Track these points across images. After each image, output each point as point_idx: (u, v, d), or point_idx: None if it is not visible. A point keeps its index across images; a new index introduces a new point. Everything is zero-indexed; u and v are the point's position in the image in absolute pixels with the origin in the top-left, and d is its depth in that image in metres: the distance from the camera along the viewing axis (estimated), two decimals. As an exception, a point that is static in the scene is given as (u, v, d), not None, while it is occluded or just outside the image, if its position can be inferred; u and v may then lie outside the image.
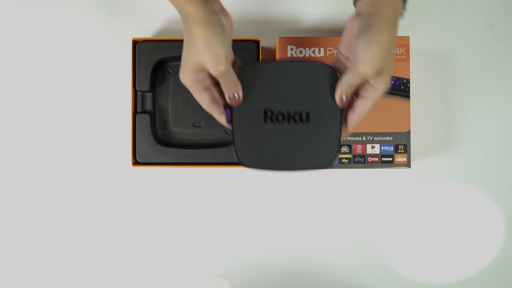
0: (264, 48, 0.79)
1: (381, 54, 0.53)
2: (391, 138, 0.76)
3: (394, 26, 0.54)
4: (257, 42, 0.77)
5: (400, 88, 0.76)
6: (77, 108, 0.80)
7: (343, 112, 0.60)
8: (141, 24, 0.80)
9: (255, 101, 0.61)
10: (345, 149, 0.76)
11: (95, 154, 0.80)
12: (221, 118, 0.61)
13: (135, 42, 0.77)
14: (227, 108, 0.61)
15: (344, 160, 0.76)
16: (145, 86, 0.76)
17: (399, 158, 0.76)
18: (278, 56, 0.76)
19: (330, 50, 0.76)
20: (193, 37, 0.54)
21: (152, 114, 0.77)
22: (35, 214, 0.80)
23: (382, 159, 0.76)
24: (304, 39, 0.76)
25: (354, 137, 0.76)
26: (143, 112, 0.77)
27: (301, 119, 0.61)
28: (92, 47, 0.80)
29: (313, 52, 0.76)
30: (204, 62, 0.54)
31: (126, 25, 0.80)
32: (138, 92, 0.77)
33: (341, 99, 0.58)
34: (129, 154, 0.78)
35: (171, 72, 0.78)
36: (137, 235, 0.81)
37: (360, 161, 0.76)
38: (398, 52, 0.76)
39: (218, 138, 0.77)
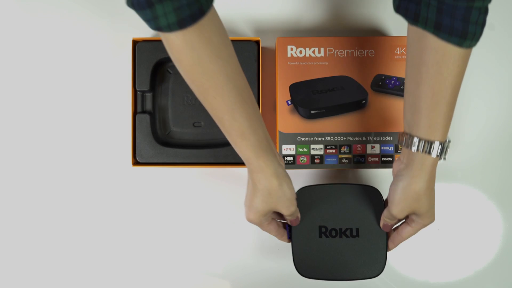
0: (264, 48, 0.79)
1: (409, 201, 0.62)
2: (391, 138, 0.76)
3: (425, 175, 0.60)
4: (257, 42, 0.77)
5: (400, 88, 0.76)
6: (77, 108, 0.80)
7: (389, 232, 0.70)
8: (141, 24, 0.80)
9: (310, 219, 0.71)
10: (345, 149, 0.76)
11: (96, 154, 0.80)
12: (284, 238, 0.70)
13: (135, 42, 0.77)
14: (287, 226, 0.71)
15: (344, 160, 0.76)
16: (145, 86, 0.76)
17: (399, 158, 0.76)
18: (277, 57, 0.76)
19: (330, 50, 0.76)
20: (265, 186, 0.61)
21: (152, 114, 0.77)
22: (36, 213, 0.80)
23: (382, 159, 0.76)
24: (304, 39, 0.76)
25: (354, 137, 0.76)
26: (143, 112, 0.77)
27: (351, 235, 0.70)
28: (92, 47, 0.80)
29: (313, 52, 0.76)
30: (278, 207, 0.63)
31: (126, 26, 0.80)
32: (138, 92, 0.77)
33: (384, 226, 0.69)
34: (129, 154, 0.78)
35: (171, 72, 0.78)
36: (137, 235, 0.81)
37: (360, 161, 0.76)
38: (398, 52, 0.76)
39: (218, 138, 0.77)
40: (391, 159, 0.76)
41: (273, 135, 0.79)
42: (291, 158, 0.76)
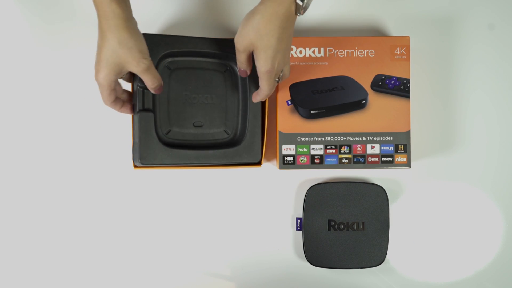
0: (264, 48, 0.79)
1: (248, 28, 0.60)
2: (391, 138, 0.76)
3: (274, 5, 0.58)
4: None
5: (400, 88, 0.76)
6: (77, 108, 0.80)
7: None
8: (140, 20, 0.80)
9: (321, 213, 0.78)
10: (345, 149, 0.76)
11: (96, 154, 0.80)
12: (123, 110, 0.68)
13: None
14: (297, 218, 0.79)
15: (344, 160, 0.76)
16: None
17: (399, 158, 0.76)
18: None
19: (330, 50, 0.76)
20: (115, 35, 0.58)
21: (153, 112, 0.75)
22: (38, 215, 0.80)
23: (382, 159, 0.76)
24: (304, 39, 0.76)
25: (354, 137, 0.76)
26: (144, 110, 0.76)
27: (358, 228, 0.78)
28: (93, 48, 0.80)
29: (313, 52, 0.76)
30: (129, 59, 0.59)
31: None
32: (138, 89, 0.74)
33: (240, 72, 0.69)
34: (129, 154, 0.78)
35: (170, 68, 0.77)
36: (138, 235, 0.81)
37: (360, 161, 0.76)
38: (398, 52, 0.76)
39: (219, 138, 0.77)
40: (391, 159, 0.76)
41: (273, 135, 0.79)
42: (291, 158, 0.76)
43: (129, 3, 0.60)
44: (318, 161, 0.76)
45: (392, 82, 0.76)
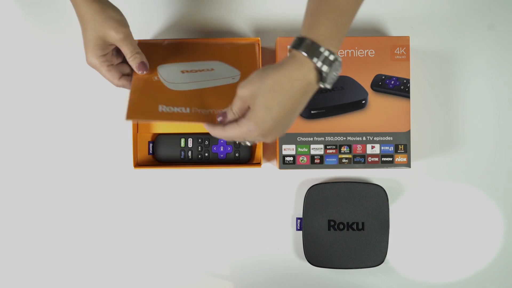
0: (264, 48, 0.79)
1: (254, 81, 0.55)
2: (391, 138, 0.76)
3: (287, 67, 0.54)
4: (257, 42, 0.77)
5: (400, 88, 0.76)
6: (77, 109, 0.80)
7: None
8: (141, 26, 0.80)
9: (321, 213, 0.77)
10: (345, 149, 0.76)
11: (96, 154, 0.80)
12: (116, 82, 0.65)
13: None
14: (297, 218, 0.78)
15: (344, 160, 0.76)
16: None
17: (399, 158, 0.76)
18: (278, 57, 0.76)
19: (330, 50, 0.76)
20: (89, 13, 0.59)
21: None
22: (38, 215, 0.80)
23: (382, 159, 0.76)
24: (304, 39, 0.76)
25: (354, 137, 0.76)
26: None
27: (357, 228, 0.77)
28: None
29: (313, 52, 0.76)
30: (107, 31, 0.60)
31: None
32: None
33: (221, 113, 0.61)
34: (129, 155, 0.78)
35: None
36: (138, 235, 0.81)
37: (360, 161, 0.76)
38: (398, 52, 0.76)
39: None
40: (391, 159, 0.76)
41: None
42: (291, 158, 0.76)
43: None
44: (318, 161, 0.76)
45: (392, 82, 0.76)
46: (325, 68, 0.54)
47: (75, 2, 0.60)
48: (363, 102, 0.76)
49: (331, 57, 0.54)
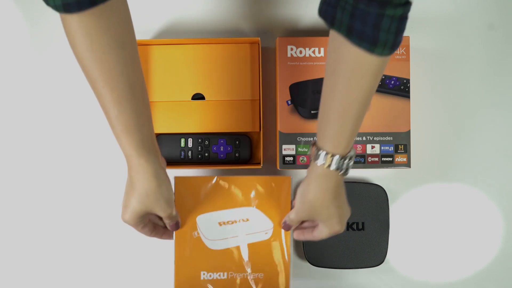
0: (264, 48, 0.79)
1: (305, 208, 0.63)
2: (391, 138, 0.76)
3: (319, 185, 0.61)
4: (257, 42, 0.77)
5: (400, 88, 0.76)
6: (77, 109, 0.80)
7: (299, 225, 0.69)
8: (140, 28, 0.80)
9: None
10: (345, 149, 0.76)
11: (96, 155, 0.80)
12: (164, 237, 0.68)
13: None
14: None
15: (344, 160, 0.76)
16: None
17: (399, 158, 0.76)
18: (278, 57, 0.76)
19: (330, 50, 0.76)
20: (143, 187, 0.59)
21: None
22: (38, 215, 0.80)
23: (382, 159, 0.76)
24: (304, 39, 0.76)
25: (354, 137, 0.76)
26: None
27: (358, 228, 0.77)
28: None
29: (313, 52, 0.76)
30: (156, 209, 0.61)
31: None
32: None
33: (284, 225, 0.69)
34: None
35: None
36: (139, 235, 0.81)
37: (360, 161, 0.76)
38: (398, 52, 0.76)
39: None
40: (391, 159, 0.76)
41: (273, 135, 0.79)
42: (291, 158, 0.76)
43: (159, 152, 0.61)
44: (318, 161, 0.76)
45: (392, 82, 0.76)
46: (343, 168, 0.61)
47: (133, 173, 0.59)
48: (363, 102, 0.76)
49: (346, 161, 0.61)
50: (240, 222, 0.71)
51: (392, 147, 0.76)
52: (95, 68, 0.54)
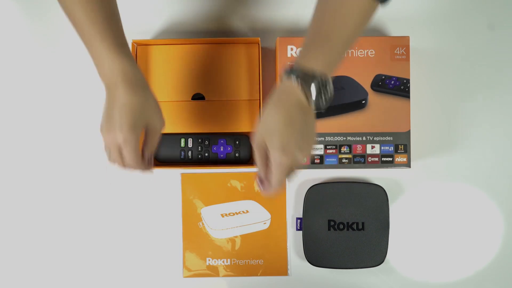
0: (264, 48, 0.79)
1: (258, 129, 0.57)
2: (391, 138, 0.76)
3: (279, 98, 0.56)
4: (257, 42, 0.77)
5: (400, 88, 0.76)
6: (77, 110, 0.80)
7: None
8: (141, 27, 0.80)
9: (320, 213, 0.78)
10: (345, 149, 0.76)
11: (96, 155, 0.80)
12: (146, 165, 0.62)
13: (135, 45, 0.77)
14: (297, 218, 0.79)
15: (344, 160, 0.76)
16: None
17: (399, 158, 0.76)
18: (278, 57, 0.76)
19: (330, 50, 0.76)
20: (141, 92, 0.57)
21: None
22: (38, 216, 0.80)
23: (382, 159, 0.76)
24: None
25: (354, 137, 0.76)
26: None
27: (357, 228, 0.77)
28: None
29: (313, 52, 0.76)
30: (153, 115, 0.59)
31: (126, 28, 0.79)
32: None
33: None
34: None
35: None
36: (138, 236, 0.81)
37: (360, 161, 0.76)
38: (398, 52, 0.76)
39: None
40: (391, 159, 0.76)
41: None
42: (291, 158, 0.76)
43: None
44: (318, 161, 0.76)
45: (392, 82, 0.76)
46: (313, 92, 0.56)
47: (114, 78, 0.56)
48: (363, 102, 0.76)
49: (319, 81, 0.55)
50: (240, 213, 0.78)
51: (392, 147, 0.76)
52: None
